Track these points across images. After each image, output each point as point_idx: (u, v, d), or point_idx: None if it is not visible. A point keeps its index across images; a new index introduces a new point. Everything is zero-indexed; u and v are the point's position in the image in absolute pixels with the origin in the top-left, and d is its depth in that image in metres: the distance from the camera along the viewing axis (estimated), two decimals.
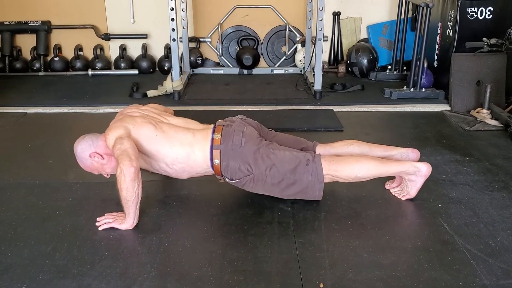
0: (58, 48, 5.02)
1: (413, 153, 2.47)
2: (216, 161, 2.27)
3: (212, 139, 2.29)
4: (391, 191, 2.47)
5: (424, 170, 2.33)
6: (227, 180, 2.33)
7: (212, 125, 2.39)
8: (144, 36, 5.01)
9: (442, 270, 1.88)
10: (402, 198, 2.40)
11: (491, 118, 3.47)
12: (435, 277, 1.84)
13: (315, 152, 2.44)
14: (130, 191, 2.08)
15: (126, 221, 2.16)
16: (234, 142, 2.26)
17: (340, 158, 2.35)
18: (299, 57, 4.94)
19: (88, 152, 2.29)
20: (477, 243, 2.04)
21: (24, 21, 4.95)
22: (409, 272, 1.87)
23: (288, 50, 5.06)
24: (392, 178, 2.50)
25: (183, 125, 2.39)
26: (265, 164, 2.25)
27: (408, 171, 2.33)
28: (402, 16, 4.44)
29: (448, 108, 3.80)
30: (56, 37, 5.08)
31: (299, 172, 2.25)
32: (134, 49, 5.10)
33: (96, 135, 2.34)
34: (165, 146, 2.26)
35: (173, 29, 4.04)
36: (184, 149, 2.27)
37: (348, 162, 2.32)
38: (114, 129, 2.24)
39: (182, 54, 4.72)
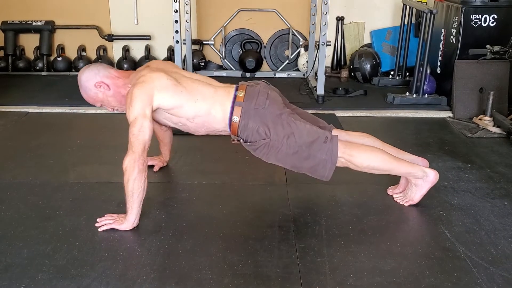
0: (61, 48, 5.04)
1: (423, 162, 2.46)
2: (236, 118, 2.20)
3: (235, 96, 2.23)
4: (394, 196, 2.46)
5: (432, 176, 2.32)
6: (241, 141, 2.27)
7: (234, 85, 2.33)
8: (148, 37, 5.02)
9: (443, 277, 1.87)
10: (405, 204, 2.39)
11: (494, 125, 3.46)
12: (436, 284, 1.83)
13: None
14: (137, 182, 2.06)
15: (128, 218, 2.14)
16: (258, 102, 2.20)
17: (357, 144, 2.32)
18: (302, 61, 4.95)
19: (94, 81, 2.22)
20: (478, 251, 2.04)
21: (28, 21, 4.96)
22: (409, 279, 1.86)
23: (291, 54, 5.06)
24: (396, 182, 2.49)
25: (205, 81, 2.33)
26: (285, 131, 2.19)
27: (416, 175, 2.33)
28: (406, 22, 4.44)
29: (451, 114, 3.80)
30: (60, 37, 5.09)
31: (314, 148, 2.20)
32: (137, 51, 5.11)
33: (104, 65, 2.29)
34: (189, 101, 2.20)
35: (176, 31, 4.04)
36: (206, 104, 2.22)
37: (364, 150, 2.30)
38: (139, 97, 2.11)
39: (185, 56, 4.72)
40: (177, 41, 4.07)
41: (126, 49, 5.02)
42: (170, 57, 4.88)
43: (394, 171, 2.34)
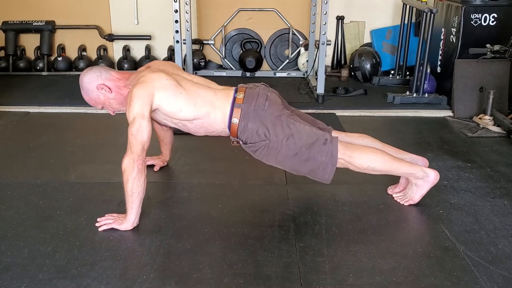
0: (61, 48, 5.04)
1: (423, 161, 2.46)
2: (235, 120, 2.21)
3: (234, 98, 2.24)
4: (394, 196, 2.46)
5: (432, 176, 2.32)
6: (240, 143, 2.27)
7: (233, 87, 2.34)
8: (148, 37, 5.02)
9: (443, 277, 1.87)
10: (405, 204, 2.39)
11: (494, 125, 3.46)
12: (436, 283, 1.83)
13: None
14: (136, 182, 2.07)
15: (128, 218, 2.14)
16: (258, 103, 2.21)
17: (356, 146, 2.32)
18: (302, 60, 4.95)
19: (96, 83, 2.23)
20: (478, 250, 2.04)
21: (29, 21, 4.96)
22: (409, 278, 1.86)
23: (291, 54, 5.06)
24: (396, 182, 2.49)
25: (205, 84, 2.34)
26: (284, 132, 2.20)
27: (417, 175, 2.32)
28: (406, 21, 4.44)
29: (451, 114, 3.80)
30: (60, 37, 5.09)
31: (314, 149, 2.20)
32: (138, 50, 5.11)
33: (105, 67, 2.30)
34: (189, 104, 2.21)
35: (176, 31, 4.04)
36: (206, 106, 2.23)
37: (364, 151, 2.29)
38: (139, 96, 2.12)
39: (186, 56, 4.72)
40: (177, 41, 4.07)
41: (126, 49, 5.02)
42: (171, 57, 4.88)
43: (394, 172, 2.34)
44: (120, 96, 2.26)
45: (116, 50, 5.14)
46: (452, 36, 3.92)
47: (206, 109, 2.23)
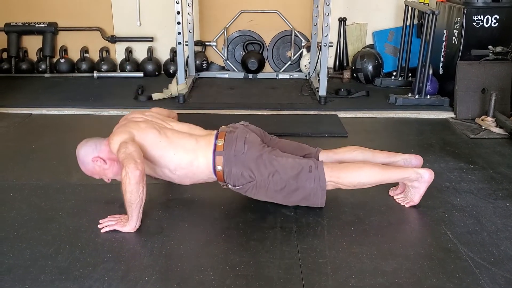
0: (64, 50, 5.05)
1: (416, 159, 2.47)
2: (219, 167, 2.26)
3: (215, 145, 2.29)
4: (395, 198, 2.46)
5: (426, 176, 2.32)
6: (229, 186, 2.32)
7: (215, 131, 2.38)
8: (150, 39, 5.03)
9: (445, 278, 1.87)
10: (406, 205, 2.39)
11: (496, 126, 3.46)
12: (438, 285, 1.83)
13: (318, 159, 2.44)
14: (134, 194, 2.08)
15: (129, 223, 2.16)
16: (237, 148, 2.26)
17: (342, 165, 2.34)
18: (304, 62, 4.95)
19: (91, 156, 2.29)
20: (480, 252, 2.03)
21: (31, 23, 4.98)
22: (411, 280, 1.86)
23: (294, 55, 5.07)
24: (395, 184, 2.49)
25: (186, 131, 2.38)
26: (268, 170, 2.24)
27: (410, 178, 2.33)
28: (408, 23, 4.44)
29: (453, 115, 3.80)
30: (63, 39, 5.10)
31: (301, 179, 2.24)
32: (140, 52, 5.12)
33: (100, 139, 2.34)
34: (169, 152, 2.26)
35: (179, 33, 4.05)
36: (188, 155, 2.27)
37: (350, 169, 2.31)
38: (118, 134, 2.23)
39: (188, 57, 4.73)
40: (179, 43, 4.08)
41: (128, 51, 5.03)
42: (173, 58, 4.89)
43: (387, 181, 2.35)
44: (113, 167, 2.29)
45: (118, 52, 5.15)
46: (454, 37, 3.92)
47: (188, 158, 2.27)
